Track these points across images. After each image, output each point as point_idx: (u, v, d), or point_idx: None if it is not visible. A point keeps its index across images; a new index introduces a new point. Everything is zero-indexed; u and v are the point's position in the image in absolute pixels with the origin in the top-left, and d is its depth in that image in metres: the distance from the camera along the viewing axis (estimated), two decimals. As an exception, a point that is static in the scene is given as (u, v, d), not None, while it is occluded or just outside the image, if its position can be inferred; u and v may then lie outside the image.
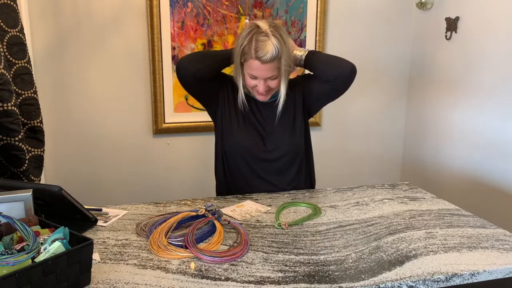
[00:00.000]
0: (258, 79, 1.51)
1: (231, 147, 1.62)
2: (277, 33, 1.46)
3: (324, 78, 1.57)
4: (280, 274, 1.05)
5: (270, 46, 1.44)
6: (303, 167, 1.68)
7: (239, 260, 1.11)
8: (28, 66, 1.66)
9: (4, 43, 1.56)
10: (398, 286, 1.02)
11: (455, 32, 2.31)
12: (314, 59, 1.57)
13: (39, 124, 1.71)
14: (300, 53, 1.58)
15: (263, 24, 1.48)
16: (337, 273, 1.05)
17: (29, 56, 1.66)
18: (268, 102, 1.63)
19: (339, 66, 1.54)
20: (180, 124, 2.40)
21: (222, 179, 1.69)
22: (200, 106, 1.73)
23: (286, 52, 1.49)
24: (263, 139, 1.61)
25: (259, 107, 1.63)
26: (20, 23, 1.62)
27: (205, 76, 1.56)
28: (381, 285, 1.01)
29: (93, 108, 2.30)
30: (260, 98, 1.59)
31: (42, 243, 0.95)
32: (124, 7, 2.22)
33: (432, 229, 1.31)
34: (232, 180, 1.66)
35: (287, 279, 1.03)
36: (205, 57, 1.60)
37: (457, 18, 2.28)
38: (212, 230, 1.24)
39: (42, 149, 1.72)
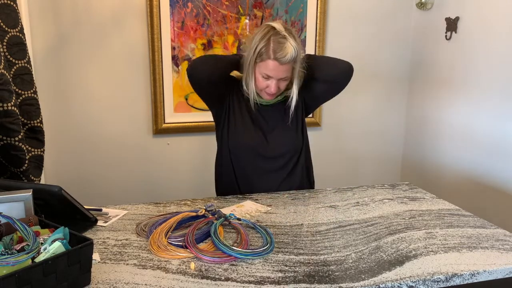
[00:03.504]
0: (270, 79, 1.53)
1: (237, 145, 1.64)
2: (293, 36, 1.50)
3: (326, 78, 1.61)
4: (280, 274, 1.05)
5: (290, 48, 1.47)
6: (302, 164, 1.71)
7: (239, 260, 1.11)
8: (28, 66, 1.66)
9: (4, 43, 1.56)
10: (398, 286, 1.02)
11: (455, 32, 2.31)
12: (312, 62, 1.60)
13: (39, 124, 1.71)
14: None
15: (279, 26, 1.50)
16: (337, 273, 1.05)
17: (29, 56, 1.66)
18: (271, 104, 1.65)
19: (339, 66, 1.60)
20: (180, 124, 2.40)
21: (224, 176, 1.70)
22: (200, 106, 1.74)
23: (300, 54, 1.53)
24: (266, 137, 1.64)
25: (262, 108, 1.65)
26: (20, 23, 1.62)
27: (218, 79, 1.58)
28: (381, 285, 1.01)
29: (93, 108, 2.30)
30: (267, 98, 1.61)
31: (42, 243, 0.95)
32: (124, 7, 2.22)
33: (432, 229, 1.31)
34: (234, 177, 1.67)
35: (287, 279, 1.03)
36: (217, 61, 1.61)
37: (457, 18, 2.29)
38: (212, 230, 1.24)
39: (42, 149, 1.72)
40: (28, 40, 1.83)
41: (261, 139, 1.63)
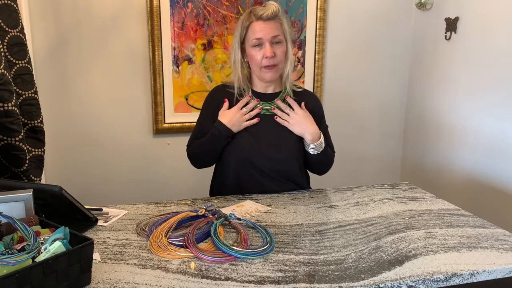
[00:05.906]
0: (263, 45, 1.52)
1: (233, 155, 1.61)
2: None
3: (310, 165, 1.70)
4: (280, 274, 1.05)
5: (270, 6, 1.52)
6: (302, 171, 1.69)
7: (239, 260, 1.11)
8: (29, 66, 1.66)
9: (5, 44, 1.56)
10: (398, 286, 1.02)
11: (455, 33, 2.31)
12: (322, 154, 1.64)
13: (39, 124, 1.71)
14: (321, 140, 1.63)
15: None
16: (337, 273, 1.06)
17: (29, 56, 1.66)
18: (270, 113, 1.62)
19: (326, 169, 1.72)
20: (180, 124, 2.40)
21: (220, 181, 1.70)
22: (200, 106, 1.74)
23: (286, 20, 1.57)
24: (265, 146, 1.60)
25: (260, 115, 1.62)
26: (20, 23, 1.62)
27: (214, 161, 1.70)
28: (380, 285, 1.01)
29: (93, 108, 2.30)
30: (268, 76, 1.57)
31: (42, 243, 0.95)
32: (124, 7, 2.23)
33: (432, 229, 1.31)
34: (230, 184, 1.65)
35: (287, 279, 1.03)
36: (205, 152, 1.67)
37: (456, 19, 2.29)
38: (212, 230, 1.24)
39: (42, 149, 1.72)
40: (28, 40, 1.83)
41: (260, 147, 1.59)
